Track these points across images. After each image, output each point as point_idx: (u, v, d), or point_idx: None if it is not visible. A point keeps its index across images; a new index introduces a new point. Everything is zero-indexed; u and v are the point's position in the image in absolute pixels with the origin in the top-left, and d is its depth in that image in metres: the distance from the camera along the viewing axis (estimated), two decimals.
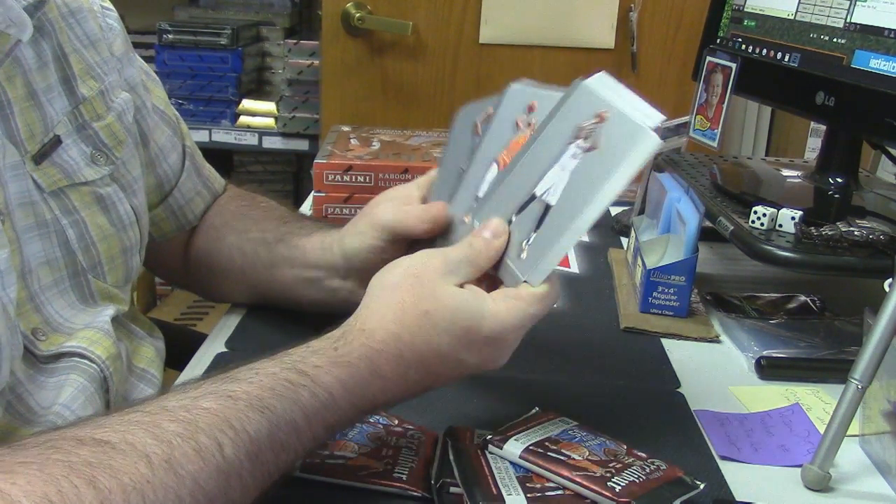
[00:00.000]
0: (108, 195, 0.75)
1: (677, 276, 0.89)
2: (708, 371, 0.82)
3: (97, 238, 0.73)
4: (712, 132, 1.03)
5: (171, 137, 0.88)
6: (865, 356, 0.62)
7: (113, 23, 0.81)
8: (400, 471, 0.60)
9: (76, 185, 0.72)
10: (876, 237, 0.81)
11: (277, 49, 2.23)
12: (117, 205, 0.76)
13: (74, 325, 0.70)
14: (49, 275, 0.69)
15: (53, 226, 0.69)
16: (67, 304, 0.70)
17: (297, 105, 2.09)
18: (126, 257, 0.77)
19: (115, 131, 0.76)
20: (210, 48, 2.09)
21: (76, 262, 0.71)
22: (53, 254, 0.69)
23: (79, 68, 0.74)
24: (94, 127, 0.74)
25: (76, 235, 0.71)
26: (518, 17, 1.84)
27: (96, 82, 0.76)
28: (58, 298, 0.70)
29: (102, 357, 0.70)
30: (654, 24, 1.84)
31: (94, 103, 0.75)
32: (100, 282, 0.74)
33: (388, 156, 1.20)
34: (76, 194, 0.72)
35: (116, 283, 0.76)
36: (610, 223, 1.22)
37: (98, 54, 0.77)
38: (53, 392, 0.67)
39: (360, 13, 1.82)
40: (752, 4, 1.04)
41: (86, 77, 0.75)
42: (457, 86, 1.87)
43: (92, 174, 0.73)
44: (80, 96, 0.73)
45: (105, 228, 0.74)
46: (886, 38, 0.84)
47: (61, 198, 0.70)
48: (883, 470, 0.67)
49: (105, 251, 0.74)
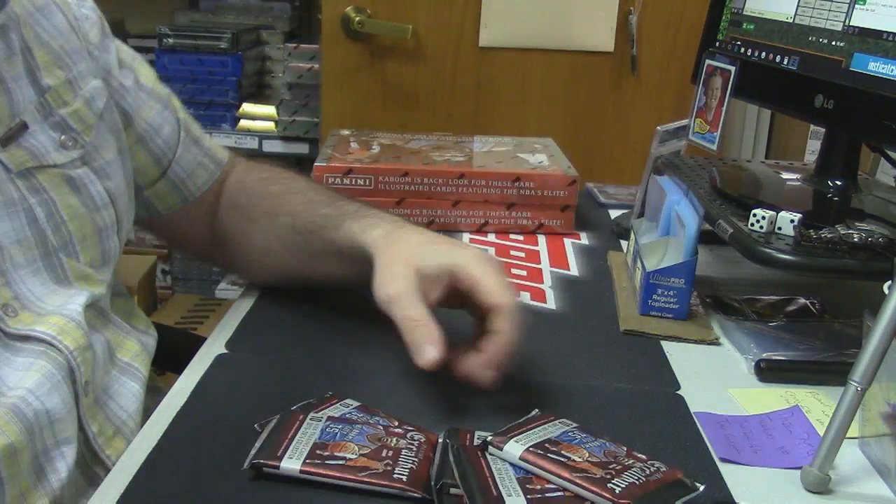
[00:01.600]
0: (79, 176, 0.76)
1: (677, 278, 0.89)
2: (707, 373, 0.82)
3: (68, 217, 0.74)
4: (711, 135, 1.03)
5: (161, 112, 0.88)
6: (865, 358, 0.62)
7: (88, 12, 0.83)
8: (400, 472, 0.60)
9: (44, 167, 0.73)
10: (875, 240, 0.81)
11: (277, 53, 2.23)
12: (88, 186, 0.77)
13: (46, 306, 0.71)
14: (21, 254, 0.70)
15: (21, 204, 0.70)
16: (40, 282, 0.72)
17: (297, 109, 2.09)
18: (101, 237, 0.78)
19: (82, 116, 0.77)
20: (210, 52, 2.10)
21: (46, 240, 0.72)
22: (24, 232, 0.70)
23: (44, 60, 0.75)
24: (61, 113, 0.75)
25: (45, 214, 0.72)
26: (518, 20, 1.84)
27: (62, 71, 0.77)
28: (31, 277, 0.71)
29: (70, 347, 0.71)
30: (654, 27, 1.85)
31: (60, 91, 0.76)
32: (72, 261, 0.74)
33: (388, 159, 1.20)
34: (44, 175, 0.73)
35: (91, 262, 0.76)
36: (610, 226, 1.23)
37: (66, 44, 0.78)
38: (20, 373, 0.68)
39: (360, 17, 1.82)
40: (751, 7, 1.05)
41: (51, 67, 0.76)
42: (456, 89, 1.88)
43: (61, 158, 0.74)
44: (45, 86, 0.74)
45: (76, 208, 0.75)
46: (885, 41, 0.85)
47: (29, 178, 0.71)
48: (882, 472, 0.67)
49: (76, 230, 0.74)
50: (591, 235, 1.19)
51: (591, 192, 1.40)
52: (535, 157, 1.25)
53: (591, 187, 1.41)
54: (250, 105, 2.15)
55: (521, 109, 1.90)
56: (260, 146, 2.13)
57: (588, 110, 1.90)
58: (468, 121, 1.88)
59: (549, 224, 1.17)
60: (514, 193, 1.15)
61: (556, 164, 1.21)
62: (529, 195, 1.16)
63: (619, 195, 1.38)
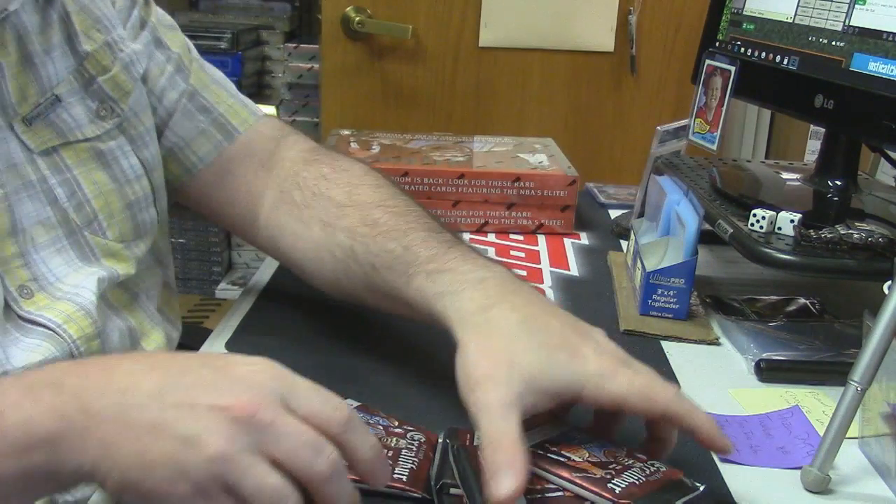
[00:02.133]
0: (111, 150, 0.76)
1: (677, 278, 0.89)
2: (707, 373, 0.82)
3: (92, 194, 0.74)
4: (711, 135, 1.03)
5: (171, 76, 0.84)
6: (865, 358, 0.62)
7: None
8: (400, 471, 0.60)
9: (70, 143, 0.73)
10: (875, 240, 0.81)
11: (277, 53, 2.23)
12: (120, 159, 0.76)
13: (64, 287, 0.71)
14: (44, 234, 0.71)
15: (40, 185, 0.71)
16: (65, 261, 0.72)
17: (297, 109, 2.09)
18: (132, 212, 0.77)
19: (119, 83, 0.77)
20: (210, 52, 2.10)
21: (69, 219, 0.72)
22: (45, 213, 0.71)
23: (82, 26, 0.75)
24: (99, 81, 0.75)
25: (66, 193, 0.72)
26: (518, 20, 1.84)
27: (101, 34, 0.76)
28: (54, 257, 0.71)
29: (74, 336, 0.70)
30: (654, 26, 1.85)
31: (98, 56, 0.75)
32: (99, 238, 0.74)
33: (388, 159, 1.20)
34: (70, 152, 0.73)
35: (122, 237, 0.76)
36: (609, 226, 1.23)
37: (105, 7, 0.78)
38: (26, 353, 0.68)
39: (360, 17, 1.82)
40: (751, 7, 1.05)
41: (90, 31, 0.75)
42: (457, 89, 1.88)
43: (94, 130, 0.74)
44: (83, 53, 0.74)
45: (102, 184, 0.75)
46: (885, 41, 0.85)
47: (52, 157, 0.72)
48: (882, 472, 0.67)
49: (102, 207, 0.74)
50: (591, 235, 1.19)
51: (591, 192, 1.40)
52: (535, 157, 1.25)
53: (590, 187, 1.41)
54: None
55: (521, 109, 1.90)
56: None
57: (588, 110, 1.90)
58: (468, 121, 1.88)
59: (549, 224, 1.17)
60: (513, 193, 1.16)
61: (555, 164, 1.21)
62: (529, 195, 1.16)
63: (619, 195, 1.38)
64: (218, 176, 0.86)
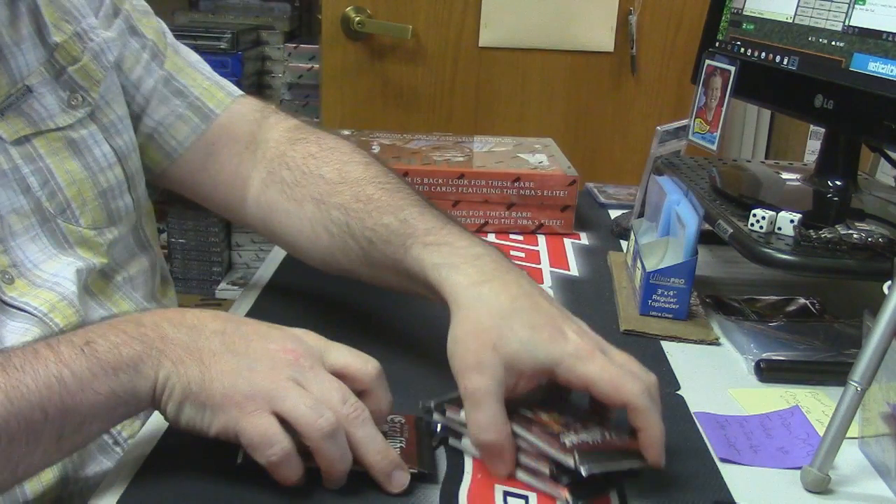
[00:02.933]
0: (83, 138, 0.77)
1: (677, 278, 0.89)
2: (707, 373, 0.82)
3: (65, 182, 0.75)
4: (711, 135, 1.03)
5: (147, 63, 0.84)
6: (864, 358, 0.62)
7: None
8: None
9: (42, 132, 0.74)
10: (875, 240, 0.81)
11: (277, 53, 2.23)
12: (92, 148, 0.77)
13: (42, 274, 0.72)
14: (18, 222, 0.72)
15: (13, 174, 0.72)
16: (39, 248, 0.73)
17: (297, 109, 2.09)
18: (105, 199, 0.78)
19: (89, 72, 0.77)
20: (210, 52, 2.09)
21: (42, 207, 0.73)
22: (18, 202, 0.72)
23: (52, 18, 0.76)
24: (69, 71, 0.76)
25: (39, 182, 0.73)
26: (518, 20, 1.84)
27: (70, 25, 0.77)
28: (29, 244, 0.72)
29: (60, 325, 0.71)
30: (654, 27, 1.85)
31: (68, 47, 0.76)
32: (71, 226, 0.75)
33: (388, 159, 1.20)
34: (42, 141, 0.74)
35: (93, 224, 0.77)
36: (609, 226, 1.23)
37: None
38: (16, 336, 0.69)
39: (360, 17, 1.82)
40: (751, 8, 1.05)
41: (59, 22, 0.76)
42: (456, 89, 1.88)
43: (66, 119, 0.75)
44: (53, 44, 0.75)
45: (74, 172, 0.76)
46: (885, 41, 0.85)
47: (25, 146, 0.73)
48: (882, 472, 0.67)
49: (75, 195, 0.75)
50: (590, 235, 1.19)
51: (591, 192, 1.40)
52: (535, 157, 1.25)
53: (590, 187, 1.41)
54: None
55: (521, 109, 1.90)
56: None
57: (588, 110, 1.90)
58: (468, 121, 1.88)
59: (548, 224, 1.17)
60: (513, 193, 1.15)
61: (555, 165, 1.21)
62: (529, 195, 1.16)
63: (619, 195, 1.38)
64: (200, 159, 0.86)
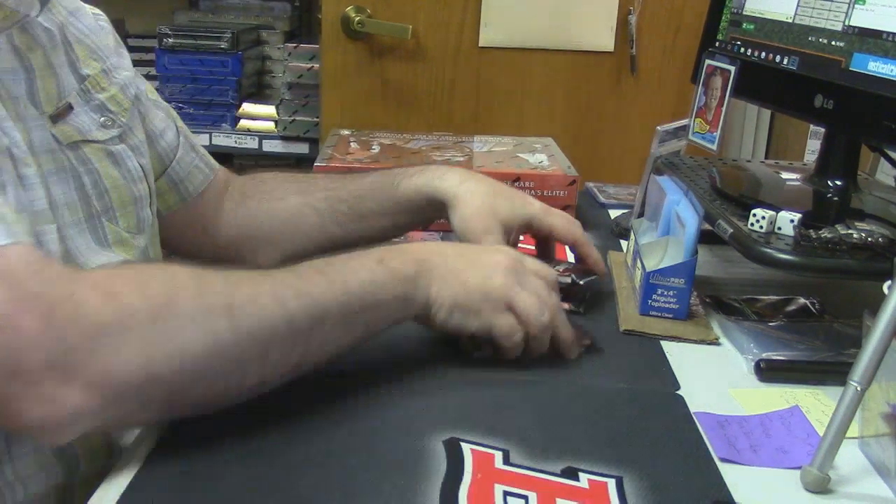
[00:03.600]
0: (118, 152, 0.83)
1: (677, 278, 0.89)
2: (707, 373, 0.82)
3: (109, 186, 0.81)
4: (711, 135, 1.03)
5: (164, 119, 0.96)
6: (864, 358, 0.62)
7: (104, 24, 0.90)
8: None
9: (88, 141, 0.80)
10: (875, 240, 0.81)
11: (277, 53, 2.23)
12: (126, 161, 0.84)
13: (89, 264, 0.77)
14: (70, 214, 0.76)
15: (71, 171, 0.77)
16: (85, 242, 0.78)
17: (297, 109, 2.09)
18: (137, 207, 0.84)
19: (118, 100, 0.85)
20: (210, 52, 2.09)
21: (91, 205, 0.79)
22: (72, 196, 0.77)
23: (82, 54, 0.83)
24: (100, 98, 0.83)
25: (91, 182, 0.79)
26: (518, 20, 1.84)
27: (98, 63, 0.84)
28: (78, 236, 0.77)
29: None
30: (654, 26, 1.85)
31: (98, 79, 0.83)
32: (112, 225, 0.81)
33: (388, 159, 1.20)
34: (89, 148, 0.80)
35: (129, 228, 0.83)
36: (609, 226, 1.23)
37: (99, 41, 0.86)
38: None
39: (360, 17, 1.82)
40: (751, 7, 1.05)
41: (88, 60, 0.83)
42: (456, 89, 1.88)
43: (102, 135, 0.82)
44: (84, 75, 0.82)
45: (116, 179, 0.82)
46: (885, 40, 0.85)
47: (76, 150, 0.78)
48: (882, 472, 0.67)
49: (116, 199, 0.81)
50: (590, 235, 1.18)
51: (591, 191, 1.40)
52: (535, 156, 1.25)
53: (590, 187, 1.41)
54: (250, 105, 2.15)
55: (521, 109, 1.90)
56: (260, 146, 2.13)
57: (588, 110, 1.90)
58: (468, 121, 1.88)
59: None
60: None
61: (555, 164, 1.21)
62: (529, 195, 1.15)
63: (619, 195, 1.38)
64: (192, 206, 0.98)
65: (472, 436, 0.66)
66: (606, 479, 0.63)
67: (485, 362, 0.79)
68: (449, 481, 0.61)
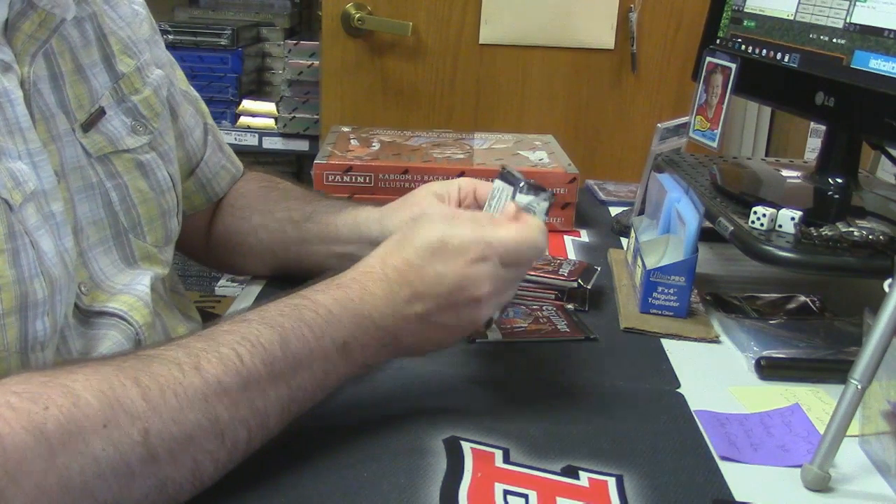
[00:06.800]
0: (148, 162, 0.81)
1: (677, 276, 0.89)
2: (708, 371, 0.82)
3: (137, 201, 0.80)
4: (712, 133, 1.03)
5: (193, 115, 0.95)
6: (865, 356, 0.62)
7: (139, 9, 0.87)
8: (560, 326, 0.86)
9: (119, 151, 0.78)
10: (875, 237, 0.81)
11: (277, 50, 2.23)
12: (156, 171, 0.82)
13: (114, 285, 0.76)
14: (95, 233, 0.76)
15: (99, 188, 0.76)
16: (111, 262, 0.77)
17: (297, 106, 2.09)
18: (165, 220, 0.83)
19: (151, 104, 0.83)
20: (210, 49, 2.09)
21: (118, 222, 0.78)
22: (99, 214, 0.76)
23: (117, 48, 0.80)
24: (133, 100, 0.81)
25: (118, 198, 0.78)
26: (518, 17, 1.84)
27: (132, 59, 0.82)
28: (103, 256, 0.76)
29: (139, 322, 0.76)
30: (654, 24, 1.84)
31: (132, 78, 0.81)
32: (140, 241, 0.80)
33: (388, 156, 1.20)
34: (119, 160, 0.78)
35: (156, 242, 0.82)
36: (610, 223, 1.23)
37: (133, 34, 0.84)
38: (93, 342, 0.73)
39: (360, 14, 1.82)
40: (752, 5, 1.04)
41: (122, 56, 0.81)
42: (457, 86, 1.88)
43: (133, 143, 0.80)
44: (119, 73, 0.80)
45: (145, 192, 0.81)
46: (886, 38, 0.84)
47: (106, 163, 0.77)
48: (882, 470, 0.67)
49: (144, 213, 0.80)
50: (591, 233, 1.19)
51: (592, 189, 1.40)
52: (536, 154, 1.25)
53: (591, 184, 1.41)
54: (250, 102, 2.14)
55: (522, 106, 1.89)
56: (260, 143, 2.13)
57: (588, 107, 1.90)
58: (468, 118, 1.88)
59: (549, 221, 1.17)
60: None
61: (556, 162, 1.21)
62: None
63: (620, 192, 1.38)
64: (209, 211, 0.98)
65: (473, 434, 0.66)
66: (607, 478, 0.63)
67: (485, 362, 0.79)
68: (449, 480, 0.61)
